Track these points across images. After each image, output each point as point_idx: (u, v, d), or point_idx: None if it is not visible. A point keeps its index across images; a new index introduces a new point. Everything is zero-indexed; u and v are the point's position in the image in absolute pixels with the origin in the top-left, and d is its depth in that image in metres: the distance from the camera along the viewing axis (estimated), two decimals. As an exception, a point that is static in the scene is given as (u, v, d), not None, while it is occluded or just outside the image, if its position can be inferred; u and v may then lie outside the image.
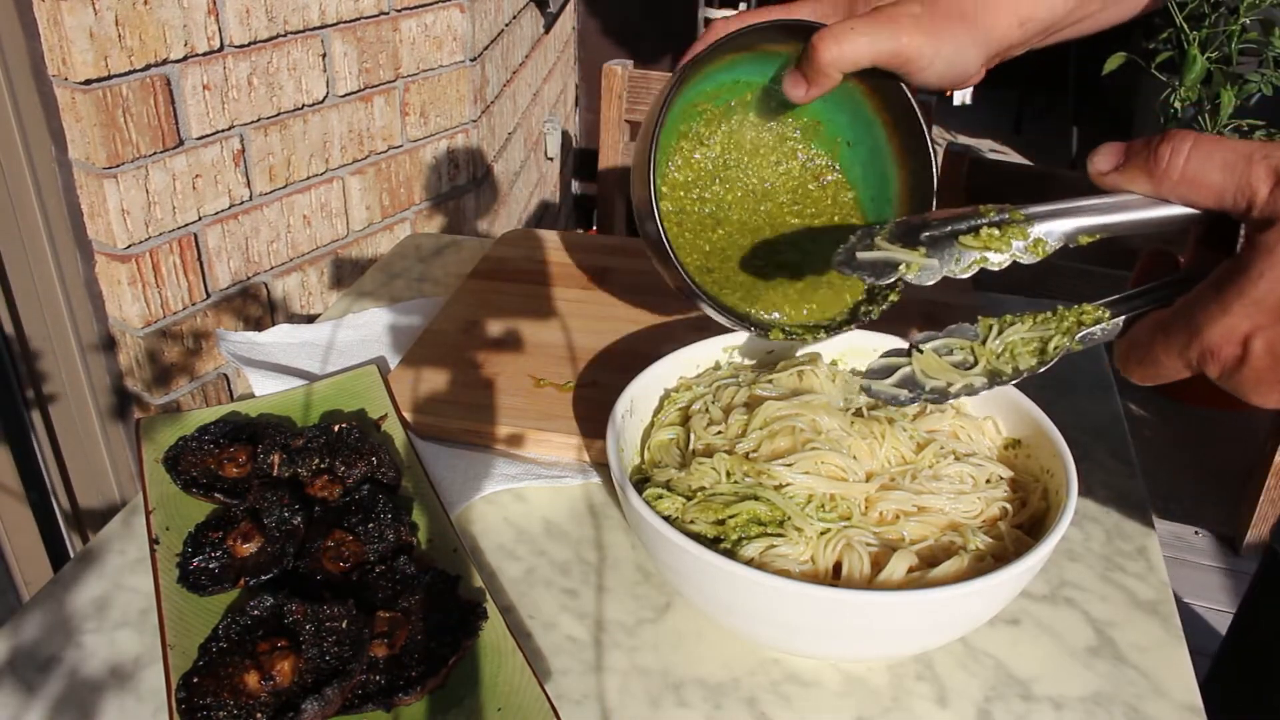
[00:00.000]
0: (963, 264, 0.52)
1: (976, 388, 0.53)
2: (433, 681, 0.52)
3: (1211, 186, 0.41)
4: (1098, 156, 0.46)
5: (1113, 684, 0.57)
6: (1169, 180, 0.43)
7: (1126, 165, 0.45)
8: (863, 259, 0.55)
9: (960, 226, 0.53)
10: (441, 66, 1.76)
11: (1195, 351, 0.42)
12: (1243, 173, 0.40)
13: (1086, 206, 0.49)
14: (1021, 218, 0.51)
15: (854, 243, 0.56)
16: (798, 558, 0.55)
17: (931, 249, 0.53)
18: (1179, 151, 0.42)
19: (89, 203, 1.31)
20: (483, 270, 0.98)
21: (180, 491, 0.66)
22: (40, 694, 0.55)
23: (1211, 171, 0.41)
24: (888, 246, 0.54)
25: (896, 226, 0.55)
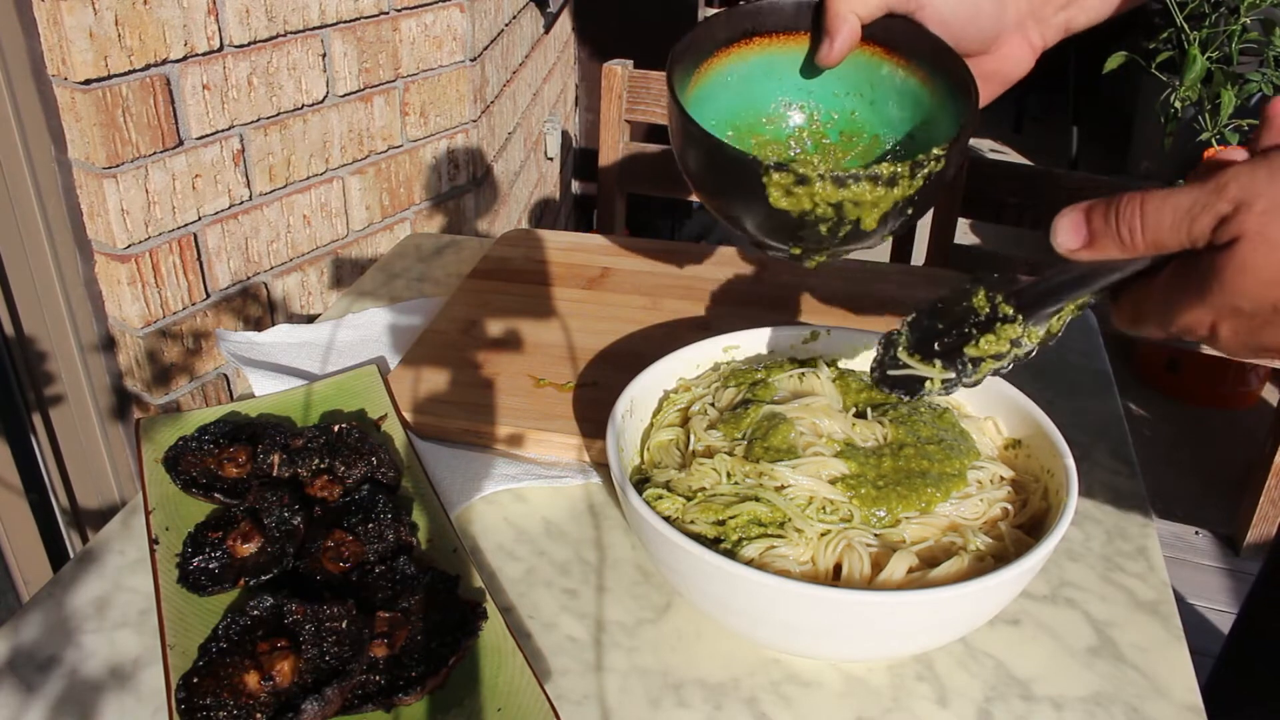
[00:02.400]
0: (978, 374, 0.58)
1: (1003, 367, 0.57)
2: (433, 681, 0.52)
3: (1169, 243, 0.46)
4: (1061, 235, 0.49)
5: (1113, 684, 0.57)
6: (1138, 247, 0.47)
7: (1095, 243, 0.49)
8: (894, 377, 0.61)
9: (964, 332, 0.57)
10: (441, 66, 1.76)
11: (1174, 328, 0.48)
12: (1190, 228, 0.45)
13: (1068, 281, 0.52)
14: (1011, 310, 0.55)
15: (882, 358, 0.62)
16: (798, 558, 0.55)
17: (946, 362, 0.58)
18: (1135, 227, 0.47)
19: (89, 203, 1.31)
20: (483, 270, 0.98)
21: (180, 492, 0.66)
22: (40, 694, 0.55)
23: (1166, 234, 0.46)
24: (910, 361, 0.60)
25: (911, 333, 0.60)
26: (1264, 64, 2.50)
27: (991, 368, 0.57)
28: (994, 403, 0.67)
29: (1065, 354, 0.90)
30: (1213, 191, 0.44)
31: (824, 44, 0.63)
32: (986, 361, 0.57)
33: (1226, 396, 2.44)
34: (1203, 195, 0.44)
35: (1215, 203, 0.44)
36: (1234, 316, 0.45)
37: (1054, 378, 0.86)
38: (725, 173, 0.60)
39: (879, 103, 0.68)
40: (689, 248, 1.04)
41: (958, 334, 0.57)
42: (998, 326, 0.56)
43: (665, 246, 1.03)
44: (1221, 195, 0.43)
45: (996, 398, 0.67)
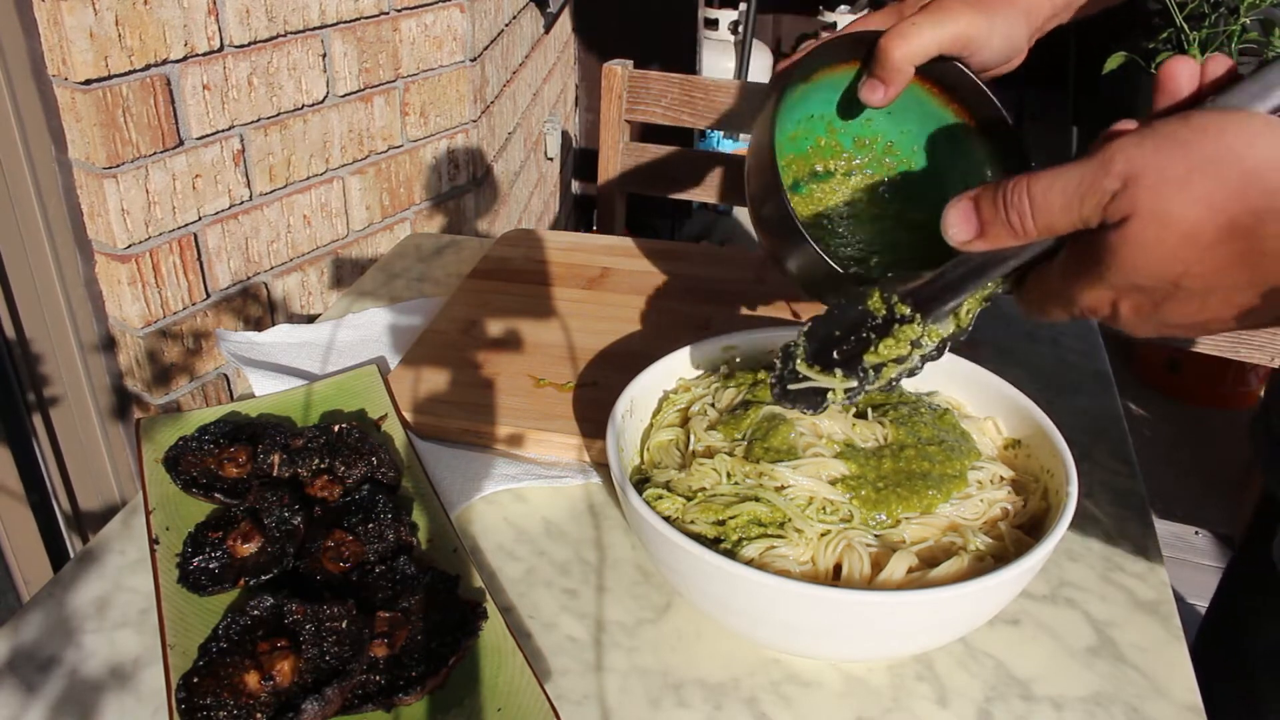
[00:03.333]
0: (880, 379, 0.56)
1: (912, 367, 0.56)
2: (433, 681, 0.52)
3: (1061, 225, 0.45)
4: (952, 227, 0.49)
5: (1113, 684, 0.57)
6: (1030, 232, 0.46)
7: (987, 233, 0.48)
8: (795, 391, 0.58)
9: (862, 339, 0.56)
10: (441, 66, 1.76)
11: (1077, 310, 0.48)
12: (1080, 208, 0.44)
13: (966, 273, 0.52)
14: (908, 309, 0.54)
15: (781, 372, 0.59)
16: (798, 558, 0.55)
17: (847, 371, 0.57)
18: (1025, 212, 0.46)
19: (89, 203, 1.31)
20: (483, 270, 0.98)
21: (180, 492, 0.66)
22: (40, 694, 0.55)
23: (1057, 217, 0.45)
24: (809, 373, 0.58)
25: (809, 343, 0.58)
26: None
27: (895, 372, 0.56)
28: (994, 403, 0.67)
29: (1065, 354, 0.90)
30: (1099, 168, 0.43)
31: (874, 88, 0.63)
32: (888, 366, 0.55)
33: (1226, 396, 2.43)
34: (1089, 173, 0.43)
35: (1103, 180, 0.43)
36: (1134, 293, 0.44)
37: (1054, 378, 0.86)
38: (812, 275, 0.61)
39: (897, 113, 0.69)
40: (689, 248, 1.04)
41: (855, 340, 0.56)
42: (896, 329, 0.55)
43: (665, 246, 1.03)
44: (1108, 171, 0.42)
45: (996, 398, 0.67)
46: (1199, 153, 0.41)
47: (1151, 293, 0.44)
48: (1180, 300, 0.44)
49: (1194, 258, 0.42)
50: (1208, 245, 0.41)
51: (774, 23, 4.36)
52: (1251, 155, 0.40)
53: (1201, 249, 0.41)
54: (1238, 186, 0.40)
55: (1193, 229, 0.41)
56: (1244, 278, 0.42)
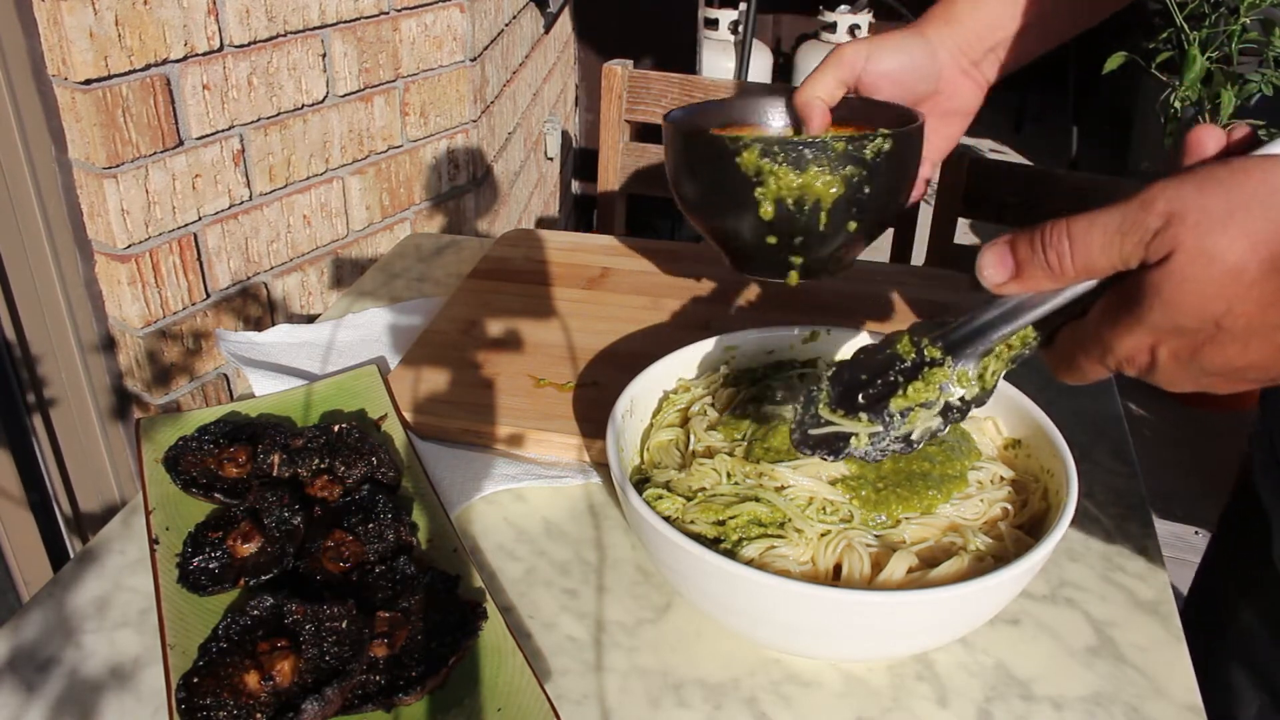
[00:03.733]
0: (906, 425, 0.54)
1: (935, 429, 0.54)
2: (433, 681, 0.52)
3: (1101, 265, 0.45)
4: (988, 269, 0.49)
5: (1113, 684, 0.57)
6: (1068, 276, 0.46)
7: (1023, 275, 0.48)
8: (816, 436, 0.56)
9: (888, 379, 0.55)
10: (441, 66, 1.76)
11: (1113, 361, 0.47)
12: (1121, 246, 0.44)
13: (997, 317, 0.51)
14: (939, 353, 0.53)
15: (802, 417, 0.57)
16: (798, 558, 0.55)
17: (872, 414, 0.55)
18: (1064, 252, 0.46)
19: (89, 203, 1.31)
20: (483, 270, 0.98)
21: (180, 492, 0.66)
22: (40, 694, 0.55)
23: (1096, 256, 0.45)
24: (833, 417, 0.56)
25: (833, 388, 0.57)
26: (1264, 64, 2.50)
27: (920, 424, 0.54)
28: (994, 403, 0.67)
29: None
30: (1140, 208, 0.43)
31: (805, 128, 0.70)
32: (915, 411, 0.54)
33: (1227, 396, 2.43)
34: (1130, 212, 0.43)
35: (1145, 218, 0.43)
36: (1175, 336, 0.44)
37: (1054, 378, 0.86)
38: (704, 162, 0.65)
39: None
40: (689, 248, 1.04)
41: (883, 384, 0.55)
42: (925, 371, 0.53)
43: (665, 246, 1.03)
44: (1150, 210, 0.43)
45: (997, 398, 0.67)
46: (1240, 192, 0.41)
47: (1193, 335, 0.43)
48: (1221, 343, 0.43)
49: (1237, 295, 0.42)
50: (1251, 282, 0.41)
51: (774, 23, 4.36)
52: None
53: (1245, 286, 0.41)
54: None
55: (1236, 265, 0.41)
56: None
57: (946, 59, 0.70)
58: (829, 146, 0.61)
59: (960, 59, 0.71)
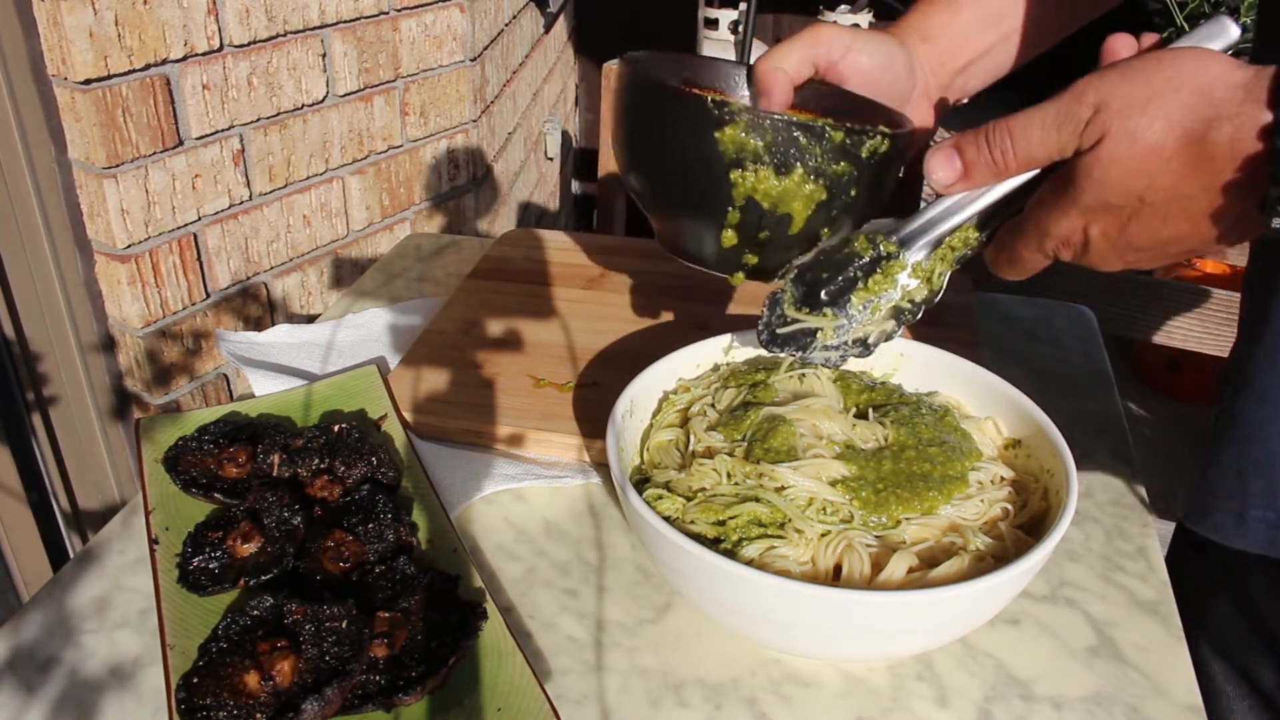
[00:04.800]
0: (869, 313, 0.58)
1: (889, 331, 0.59)
2: (433, 681, 0.52)
3: (1041, 156, 0.50)
4: (937, 172, 0.53)
5: (1113, 684, 0.57)
6: (1011, 169, 0.51)
7: (970, 173, 0.52)
8: (783, 335, 0.60)
9: (848, 275, 0.58)
10: (441, 66, 1.76)
11: (1050, 245, 0.52)
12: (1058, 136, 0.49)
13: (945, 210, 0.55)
14: (894, 247, 0.57)
15: (768, 318, 0.61)
16: (798, 558, 0.55)
17: (835, 308, 0.58)
18: (1006, 148, 0.50)
19: (89, 203, 1.31)
20: (483, 270, 0.98)
21: (180, 491, 0.66)
22: (40, 694, 0.55)
23: (1036, 148, 0.50)
24: (798, 314, 0.60)
25: (796, 288, 0.60)
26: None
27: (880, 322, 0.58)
28: (994, 403, 0.67)
29: (1065, 354, 0.90)
30: (1072, 100, 0.48)
31: (761, 101, 0.62)
32: (876, 303, 0.57)
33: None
34: (1064, 105, 0.48)
35: (1077, 109, 0.48)
36: (1104, 214, 0.48)
37: (1054, 378, 0.86)
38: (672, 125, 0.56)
39: None
40: (689, 248, 1.03)
41: (843, 279, 0.58)
42: (882, 264, 0.57)
43: (665, 246, 1.02)
44: (1081, 102, 0.48)
45: (997, 398, 0.67)
46: (1158, 77, 0.47)
47: (1119, 212, 0.48)
48: (1145, 217, 0.48)
49: (1157, 169, 0.46)
50: (1169, 157, 0.46)
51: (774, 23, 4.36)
52: (1202, 76, 0.46)
53: (1163, 160, 0.46)
54: (1191, 102, 0.46)
55: (1156, 143, 0.46)
56: (1197, 184, 0.46)
57: (921, 78, 0.67)
58: (826, 135, 0.54)
59: (932, 80, 0.67)
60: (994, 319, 0.95)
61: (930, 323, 0.88)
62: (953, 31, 0.67)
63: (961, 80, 0.69)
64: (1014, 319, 0.96)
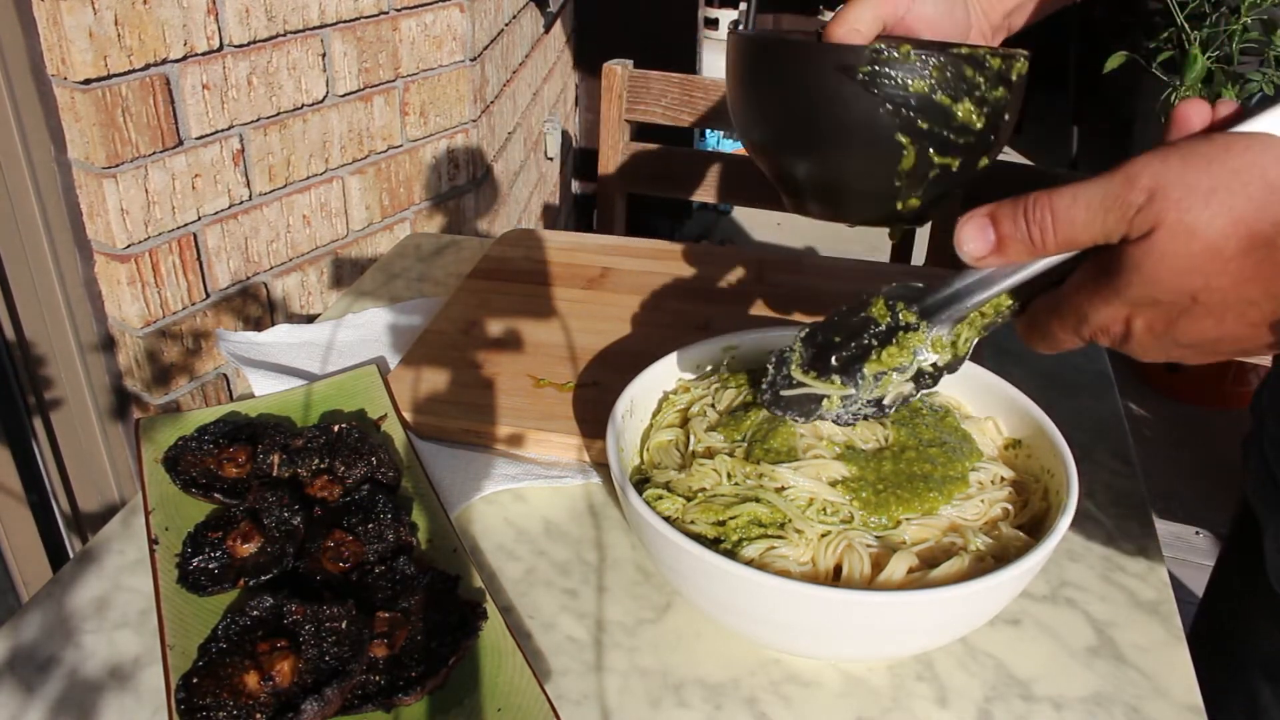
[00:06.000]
0: (879, 389, 0.55)
1: (907, 394, 0.55)
2: (433, 682, 0.52)
3: (1083, 240, 0.45)
4: (967, 243, 0.48)
5: (1113, 684, 0.57)
6: (1049, 249, 0.46)
7: (1003, 247, 0.48)
8: (788, 398, 0.57)
9: (862, 343, 0.54)
10: (441, 66, 1.76)
11: (1087, 330, 0.47)
12: (1104, 221, 0.44)
13: (973, 284, 0.51)
14: (914, 318, 0.53)
15: (774, 377, 0.58)
16: (798, 559, 0.55)
17: (845, 377, 0.55)
18: (1046, 226, 0.46)
19: (88, 203, 1.31)
20: (483, 270, 0.98)
21: (180, 492, 0.66)
22: (40, 694, 0.55)
23: (1079, 231, 0.45)
24: (805, 379, 0.56)
25: (805, 349, 0.57)
26: (1264, 64, 2.50)
27: (893, 390, 0.54)
28: (994, 403, 0.67)
29: (1065, 354, 0.90)
30: (1124, 183, 0.43)
31: None
32: (888, 376, 0.54)
33: (1226, 396, 2.43)
34: (1114, 187, 0.43)
35: (1128, 194, 0.43)
36: (1150, 308, 0.44)
37: (1054, 378, 0.86)
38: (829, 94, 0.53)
39: None
40: (689, 248, 1.04)
41: (856, 347, 0.55)
42: (899, 336, 0.53)
43: (665, 246, 1.03)
44: (1134, 186, 0.43)
45: (997, 398, 0.67)
46: (1223, 167, 0.42)
47: (1168, 308, 0.44)
48: (1196, 316, 0.44)
49: (1215, 270, 0.42)
50: (1229, 258, 0.42)
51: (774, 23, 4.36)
52: (1276, 171, 0.41)
53: (1223, 262, 0.42)
54: (1261, 199, 0.41)
55: (1216, 241, 0.41)
56: (1260, 291, 0.42)
57: (975, 19, 0.65)
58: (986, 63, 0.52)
59: (985, 21, 0.66)
60: (994, 319, 0.95)
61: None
62: None
63: (1010, 20, 0.67)
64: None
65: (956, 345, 0.54)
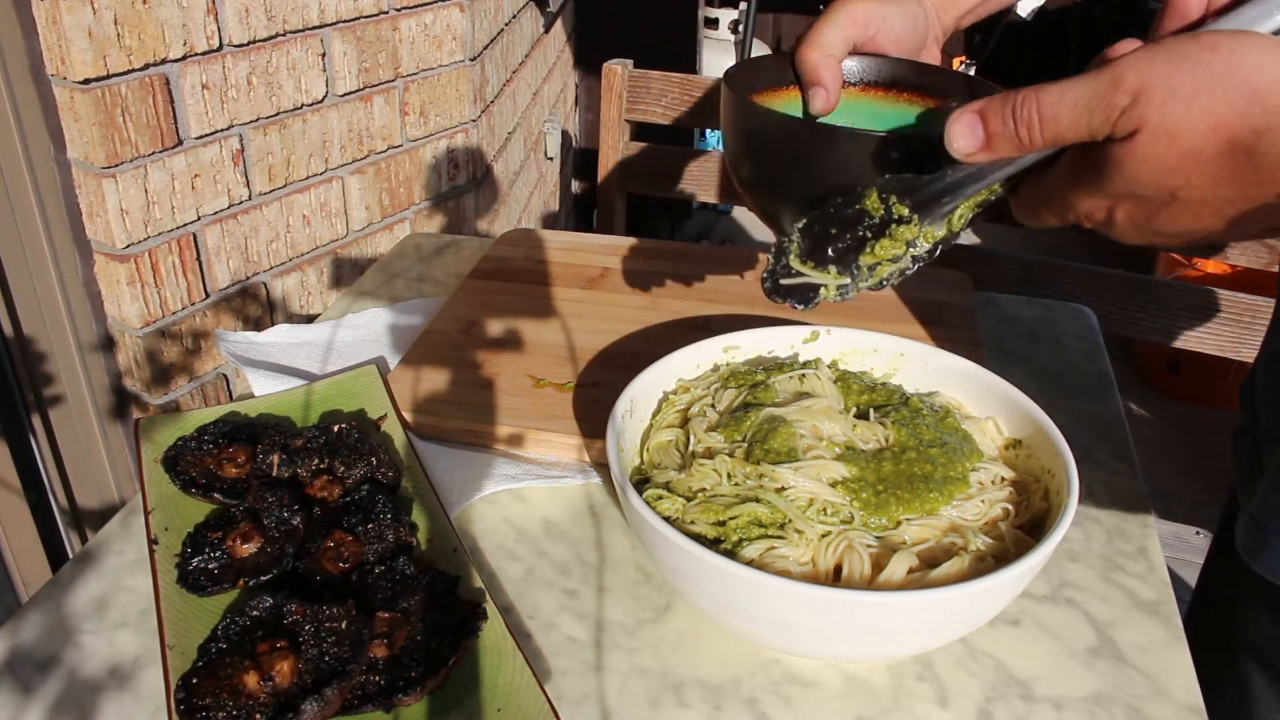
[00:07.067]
0: (874, 278, 0.57)
1: (905, 269, 0.57)
2: (432, 682, 0.52)
3: (1069, 137, 0.47)
4: (957, 140, 0.50)
5: (1113, 684, 0.57)
6: (1036, 144, 0.48)
7: (992, 144, 0.49)
8: (786, 286, 0.59)
9: (858, 238, 0.56)
10: (441, 66, 1.76)
11: (1072, 215, 0.50)
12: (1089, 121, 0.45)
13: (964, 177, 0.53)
14: (906, 210, 0.54)
15: (773, 266, 0.59)
16: (798, 559, 0.55)
17: (840, 268, 0.57)
18: (1034, 124, 0.47)
19: (88, 202, 1.31)
20: (483, 270, 0.98)
21: (179, 492, 0.66)
22: (39, 694, 0.55)
23: (1065, 129, 0.46)
24: (803, 268, 0.58)
25: (804, 240, 0.58)
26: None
27: (888, 271, 0.57)
28: (994, 403, 0.67)
29: (1065, 354, 0.90)
30: (1110, 83, 0.44)
31: (815, 95, 0.64)
32: (882, 265, 0.56)
33: (1226, 396, 2.43)
34: (1100, 87, 0.44)
35: (1113, 94, 0.44)
36: (1131, 201, 0.46)
37: (1054, 378, 0.86)
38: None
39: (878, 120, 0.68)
40: (689, 248, 1.04)
41: (851, 238, 0.57)
42: (892, 228, 0.55)
43: (665, 246, 1.03)
44: (1119, 87, 0.44)
45: (997, 398, 0.67)
46: (1208, 70, 0.42)
47: (1149, 202, 0.46)
48: (1175, 210, 0.46)
49: (1194, 170, 0.44)
50: (1207, 160, 0.43)
51: (774, 22, 4.36)
52: (1258, 75, 0.42)
53: (1202, 163, 0.43)
54: (1242, 105, 0.42)
55: (1196, 144, 0.43)
56: (1236, 192, 0.44)
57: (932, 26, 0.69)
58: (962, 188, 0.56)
59: (938, 26, 0.69)
60: (994, 319, 0.95)
61: (930, 323, 0.88)
62: None
63: (960, 22, 0.70)
64: (1014, 319, 0.96)
65: (951, 222, 0.55)
